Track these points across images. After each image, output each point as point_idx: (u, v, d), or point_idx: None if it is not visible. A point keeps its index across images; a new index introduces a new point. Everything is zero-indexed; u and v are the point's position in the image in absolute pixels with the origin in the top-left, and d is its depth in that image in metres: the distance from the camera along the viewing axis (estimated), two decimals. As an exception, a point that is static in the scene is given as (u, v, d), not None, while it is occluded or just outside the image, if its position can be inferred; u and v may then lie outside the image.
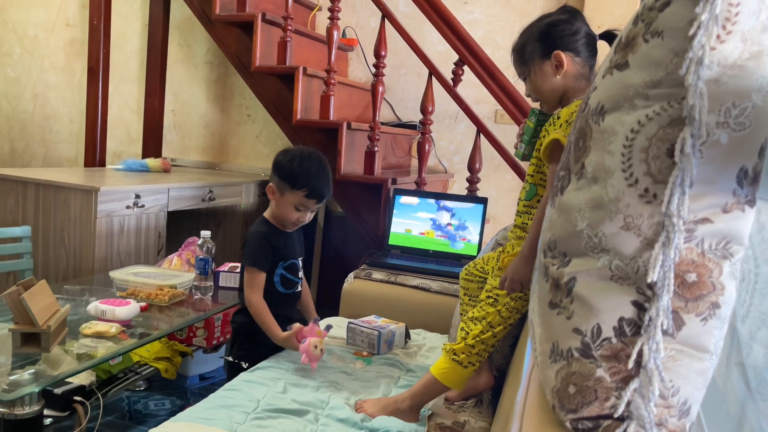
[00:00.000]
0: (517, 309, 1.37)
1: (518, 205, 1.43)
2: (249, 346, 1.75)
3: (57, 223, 2.38)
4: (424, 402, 1.42)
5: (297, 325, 1.62)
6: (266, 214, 1.78)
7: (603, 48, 1.30)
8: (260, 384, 1.49)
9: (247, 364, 1.70)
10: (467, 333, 1.40)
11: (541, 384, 0.72)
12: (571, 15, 1.32)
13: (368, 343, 1.80)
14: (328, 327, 1.69)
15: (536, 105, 1.43)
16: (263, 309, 1.67)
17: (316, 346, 1.56)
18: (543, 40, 1.31)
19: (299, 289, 1.80)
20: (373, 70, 2.59)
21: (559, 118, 1.28)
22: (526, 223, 1.38)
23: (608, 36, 1.31)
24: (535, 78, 1.34)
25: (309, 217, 1.74)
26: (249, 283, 1.69)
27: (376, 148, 2.57)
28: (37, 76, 4.05)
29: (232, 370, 1.74)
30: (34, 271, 2.28)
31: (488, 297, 1.40)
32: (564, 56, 1.28)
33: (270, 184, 1.72)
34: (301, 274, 1.81)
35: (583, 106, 0.73)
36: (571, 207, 0.69)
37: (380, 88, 2.55)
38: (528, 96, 1.41)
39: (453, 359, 1.38)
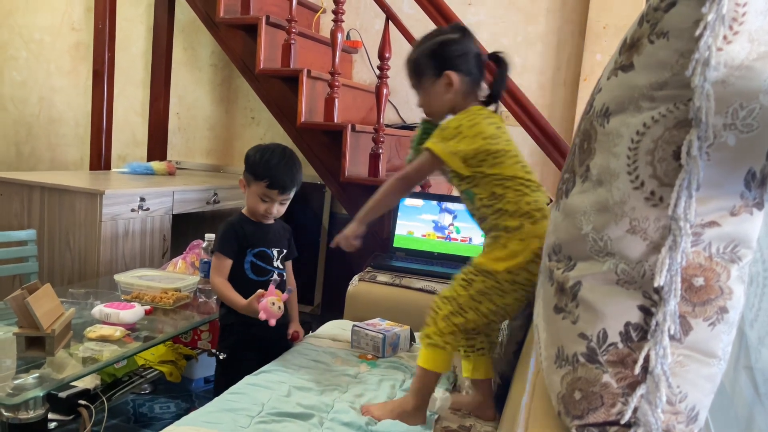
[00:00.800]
0: (488, 296, 1.34)
1: (480, 213, 1.40)
2: (224, 337, 1.80)
3: (62, 226, 2.39)
4: (426, 397, 1.40)
5: (259, 291, 1.65)
6: (244, 209, 1.84)
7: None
8: (265, 388, 1.48)
9: (224, 356, 1.76)
10: (436, 313, 1.37)
11: (546, 389, 0.72)
12: (462, 34, 1.39)
13: (373, 346, 1.79)
14: (288, 290, 1.72)
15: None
16: (224, 286, 1.72)
17: (273, 303, 1.60)
18: (435, 59, 1.37)
19: (274, 277, 1.81)
20: (378, 72, 2.58)
21: (438, 126, 1.37)
22: (496, 224, 1.35)
23: (495, 58, 1.39)
24: (427, 93, 1.41)
25: (278, 209, 1.78)
26: (213, 267, 1.76)
27: (380, 151, 2.56)
28: (43, 80, 4.07)
29: (217, 364, 1.82)
30: (39, 274, 2.28)
31: (463, 279, 1.37)
32: (454, 76, 1.35)
33: (241, 177, 1.80)
34: (277, 263, 1.82)
35: (588, 108, 0.72)
36: (575, 210, 0.68)
37: (384, 90, 2.54)
38: (420, 107, 1.47)
39: (429, 344, 1.37)
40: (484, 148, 1.31)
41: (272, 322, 1.60)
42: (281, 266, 1.82)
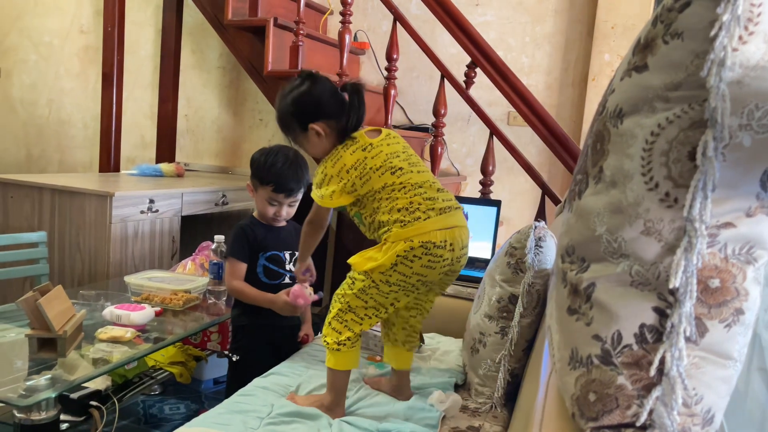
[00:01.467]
0: (369, 295, 1.36)
1: (370, 232, 1.45)
2: (237, 339, 1.81)
3: (72, 228, 2.40)
4: (341, 393, 1.42)
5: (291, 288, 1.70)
6: (254, 212, 1.85)
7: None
8: (274, 389, 1.49)
9: (236, 358, 1.76)
10: (330, 312, 1.42)
11: (559, 391, 0.71)
12: (311, 82, 1.44)
13: (381, 347, 1.79)
14: (320, 293, 1.74)
15: None
16: (244, 286, 1.74)
17: (306, 288, 1.67)
18: (296, 117, 1.43)
19: (286, 280, 1.82)
20: (385, 73, 2.58)
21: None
22: (380, 236, 1.39)
23: (348, 87, 1.44)
24: (305, 145, 1.48)
25: (287, 211, 1.79)
26: (228, 272, 1.78)
27: (388, 152, 2.56)
28: (53, 83, 4.09)
29: (228, 365, 1.84)
30: (50, 276, 2.30)
31: (349, 278, 1.41)
32: (318, 126, 1.41)
33: (248, 182, 1.81)
34: (289, 266, 1.84)
35: (600, 108, 0.72)
36: (589, 211, 0.68)
37: (392, 92, 2.55)
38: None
39: (326, 345, 1.40)
40: (347, 178, 1.37)
41: (300, 302, 1.65)
42: (293, 269, 1.82)
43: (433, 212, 1.34)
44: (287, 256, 1.82)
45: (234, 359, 1.76)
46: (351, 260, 1.39)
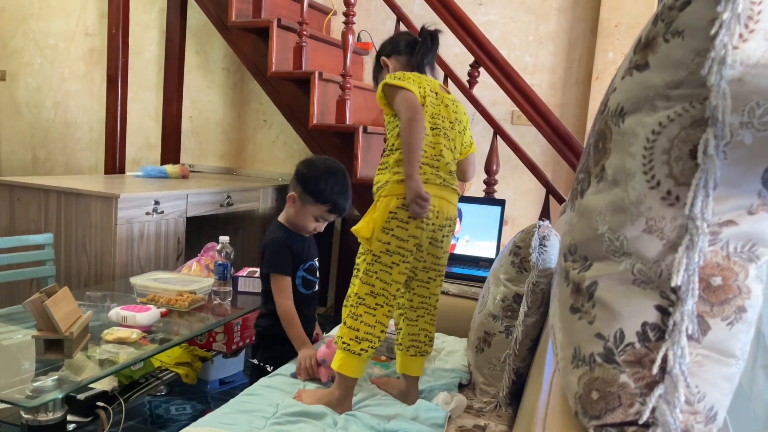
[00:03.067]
0: (375, 274, 1.38)
1: (386, 151, 1.51)
2: (275, 349, 1.78)
3: (78, 230, 2.42)
4: (349, 390, 1.43)
5: (322, 350, 1.63)
6: (281, 218, 1.81)
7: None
8: (279, 389, 1.49)
9: (272, 368, 1.72)
10: (344, 312, 1.42)
11: (563, 389, 0.72)
12: (402, 34, 1.72)
13: (386, 347, 1.79)
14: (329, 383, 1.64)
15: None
16: (295, 317, 1.70)
17: (325, 367, 1.61)
18: (378, 56, 1.66)
19: (317, 288, 1.82)
20: (389, 73, 2.59)
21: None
22: (387, 181, 1.42)
23: (423, 30, 1.61)
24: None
25: (324, 225, 1.80)
26: (277, 289, 1.72)
27: (392, 152, 2.56)
28: (58, 85, 4.12)
29: (257, 374, 1.77)
30: (57, 277, 2.31)
31: (355, 268, 1.43)
32: (388, 61, 1.62)
33: (292, 193, 1.75)
34: (318, 273, 1.83)
35: (602, 107, 0.72)
36: (591, 210, 0.68)
37: (396, 92, 2.55)
38: None
39: (344, 348, 1.40)
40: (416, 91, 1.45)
41: (324, 377, 1.59)
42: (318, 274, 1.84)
43: (430, 181, 1.41)
44: (317, 263, 1.84)
45: (270, 369, 1.74)
46: (354, 228, 1.43)
